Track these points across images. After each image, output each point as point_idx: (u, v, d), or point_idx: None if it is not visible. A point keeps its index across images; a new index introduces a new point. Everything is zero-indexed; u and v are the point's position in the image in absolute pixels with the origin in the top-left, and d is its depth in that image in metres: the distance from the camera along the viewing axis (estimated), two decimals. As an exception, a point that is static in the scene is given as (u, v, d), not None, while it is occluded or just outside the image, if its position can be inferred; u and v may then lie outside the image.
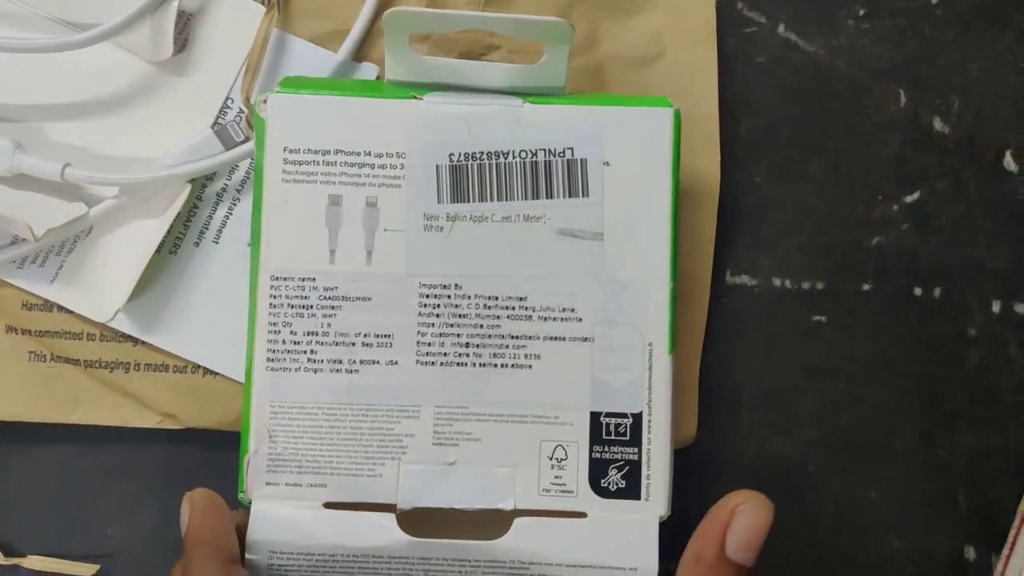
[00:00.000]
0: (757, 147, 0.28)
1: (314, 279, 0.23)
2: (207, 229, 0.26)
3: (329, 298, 0.23)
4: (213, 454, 0.27)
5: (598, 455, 0.23)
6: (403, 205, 0.23)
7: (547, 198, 0.23)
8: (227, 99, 0.26)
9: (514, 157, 0.23)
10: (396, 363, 0.23)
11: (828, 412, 0.28)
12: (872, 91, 0.28)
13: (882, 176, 0.28)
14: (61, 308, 0.26)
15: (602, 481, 0.23)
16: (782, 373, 0.28)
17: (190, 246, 0.26)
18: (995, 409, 0.28)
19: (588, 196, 0.23)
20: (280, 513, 0.22)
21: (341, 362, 0.23)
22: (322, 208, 0.23)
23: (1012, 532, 0.27)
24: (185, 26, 0.26)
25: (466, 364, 0.23)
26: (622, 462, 0.23)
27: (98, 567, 0.27)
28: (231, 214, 0.26)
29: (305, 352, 0.23)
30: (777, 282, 0.28)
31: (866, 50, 0.29)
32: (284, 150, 0.23)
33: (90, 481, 0.27)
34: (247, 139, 0.26)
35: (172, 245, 0.26)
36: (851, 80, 0.28)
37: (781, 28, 0.28)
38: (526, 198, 0.23)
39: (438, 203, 0.23)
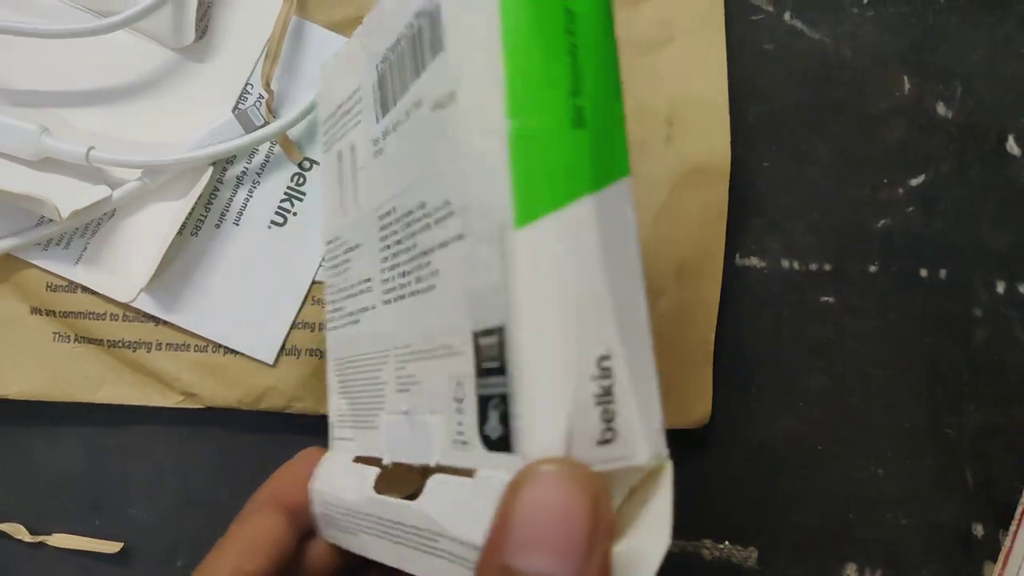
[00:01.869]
0: (765, 132, 0.29)
1: (338, 237, 0.23)
2: (227, 211, 0.27)
3: (345, 252, 0.22)
4: (234, 432, 0.27)
5: (482, 391, 0.16)
6: (364, 139, 0.21)
7: (422, 72, 0.18)
8: (247, 84, 0.27)
9: (401, 40, 0.19)
10: (374, 307, 0.20)
11: (836, 391, 0.28)
12: (877, 77, 0.29)
13: (887, 160, 0.29)
14: (85, 289, 0.26)
15: (485, 427, 0.16)
16: (791, 353, 0.28)
17: (211, 228, 0.27)
18: (1000, 387, 0.28)
19: (444, 50, 0.17)
20: (331, 467, 0.21)
21: (353, 313, 0.22)
22: (335, 167, 0.23)
23: (1020, 509, 0.27)
24: (205, 13, 0.27)
25: (405, 295, 0.19)
26: (497, 399, 0.16)
27: (122, 544, 0.27)
28: (251, 197, 0.27)
29: (339, 309, 0.22)
30: (786, 264, 0.29)
31: (871, 37, 0.29)
32: (324, 121, 0.23)
33: (113, 460, 0.27)
34: (267, 123, 0.26)
35: (193, 227, 0.27)
36: (856, 67, 0.29)
37: (787, 16, 0.29)
38: (415, 82, 0.18)
39: (376, 123, 0.20)
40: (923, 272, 0.29)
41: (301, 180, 0.27)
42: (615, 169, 0.16)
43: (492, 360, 0.16)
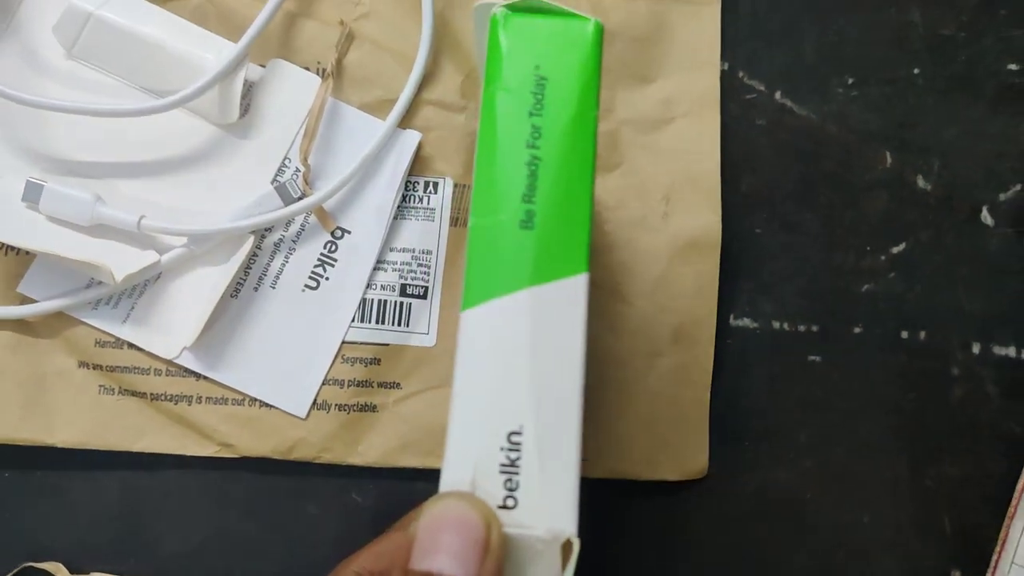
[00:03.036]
0: (757, 202, 0.31)
1: None
2: (265, 276, 0.29)
3: None
4: (264, 479, 0.29)
5: None
6: None
7: None
8: (285, 159, 0.29)
9: None
10: None
11: (824, 444, 0.30)
12: (861, 152, 0.31)
13: (870, 229, 0.31)
14: (131, 345, 0.28)
15: None
16: (782, 408, 0.30)
17: (250, 291, 0.29)
18: (976, 441, 0.30)
19: None
20: None
21: None
22: None
23: (994, 556, 0.29)
24: (248, 92, 0.29)
25: None
26: None
27: (156, 583, 0.29)
28: (287, 262, 0.29)
29: None
30: (776, 325, 0.30)
31: (855, 115, 0.31)
32: None
33: (149, 502, 0.29)
34: (303, 195, 0.29)
35: (233, 290, 0.29)
36: (842, 142, 0.31)
37: (778, 95, 0.31)
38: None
39: None
40: (904, 334, 0.30)
41: (334, 248, 0.29)
42: (566, 267, 0.18)
43: None
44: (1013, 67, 0.31)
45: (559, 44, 0.19)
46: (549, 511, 0.17)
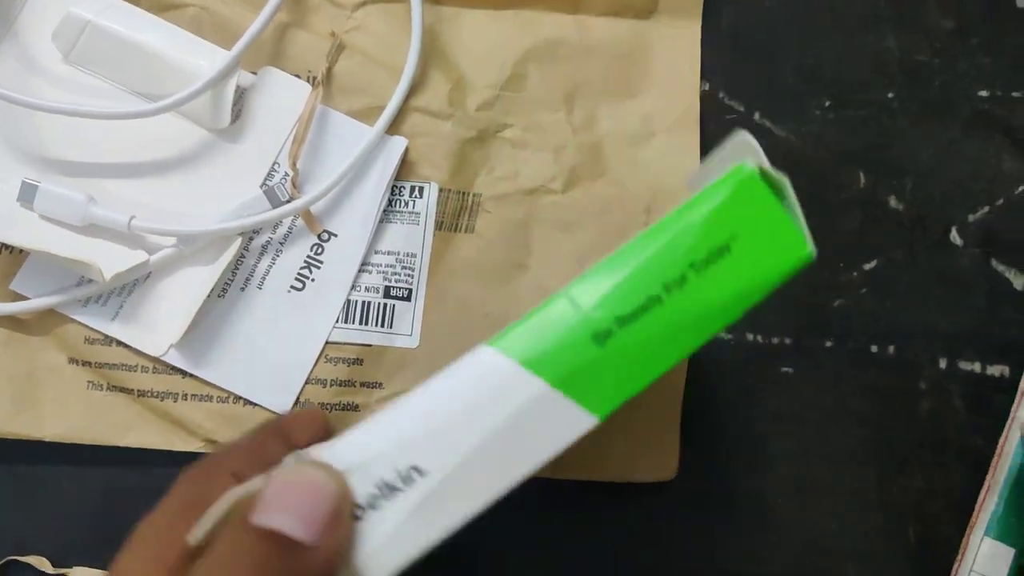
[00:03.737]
0: None
1: None
2: (252, 276, 0.30)
3: None
4: (247, 477, 0.30)
5: None
6: None
7: None
8: (274, 163, 0.30)
9: None
10: None
11: (795, 453, 0.30)
12: (836, 172, 0.32)
13: (844, 246, 0.31)
14: (119, 343, 0.29)
15: None
16: (754, 418, 0.30)
17: (236, 291, 0.29)
18: (942, 454, 0.31)
19: None
20: None
21: None
22: None
23: (955, 565, 0.30)
24: (240, 99, 0.30)
25: None
26: None
27: (137, 577, 0.29)
28: (274, 264, 0.30)
29: None
30: (750, 337, 0.31)
31: (831, 136, 0.32)
32: None
33: (134, 498, 0.29)
34: (291, 199, 0.29)
35: (221, 290, 0.29)
36: (818, 162, 0.32)
37: (757, 115, 0.32)
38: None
39: None
40: (874, 348, 0.31)
41: (320, 250, 0.30)
42: (590, 402, 0.17)
43: None
44: (984, 93, 0.32)
45: (765, 238, 0.18)
46: (379, 555, 0.17)
